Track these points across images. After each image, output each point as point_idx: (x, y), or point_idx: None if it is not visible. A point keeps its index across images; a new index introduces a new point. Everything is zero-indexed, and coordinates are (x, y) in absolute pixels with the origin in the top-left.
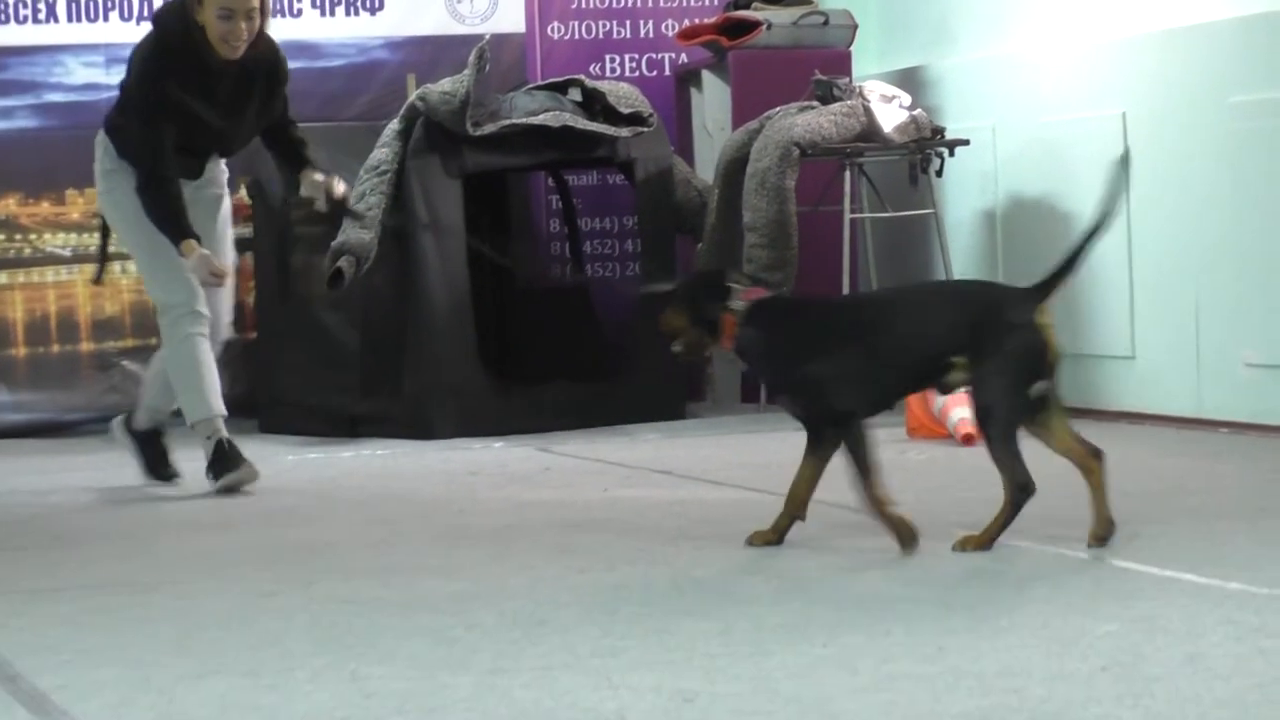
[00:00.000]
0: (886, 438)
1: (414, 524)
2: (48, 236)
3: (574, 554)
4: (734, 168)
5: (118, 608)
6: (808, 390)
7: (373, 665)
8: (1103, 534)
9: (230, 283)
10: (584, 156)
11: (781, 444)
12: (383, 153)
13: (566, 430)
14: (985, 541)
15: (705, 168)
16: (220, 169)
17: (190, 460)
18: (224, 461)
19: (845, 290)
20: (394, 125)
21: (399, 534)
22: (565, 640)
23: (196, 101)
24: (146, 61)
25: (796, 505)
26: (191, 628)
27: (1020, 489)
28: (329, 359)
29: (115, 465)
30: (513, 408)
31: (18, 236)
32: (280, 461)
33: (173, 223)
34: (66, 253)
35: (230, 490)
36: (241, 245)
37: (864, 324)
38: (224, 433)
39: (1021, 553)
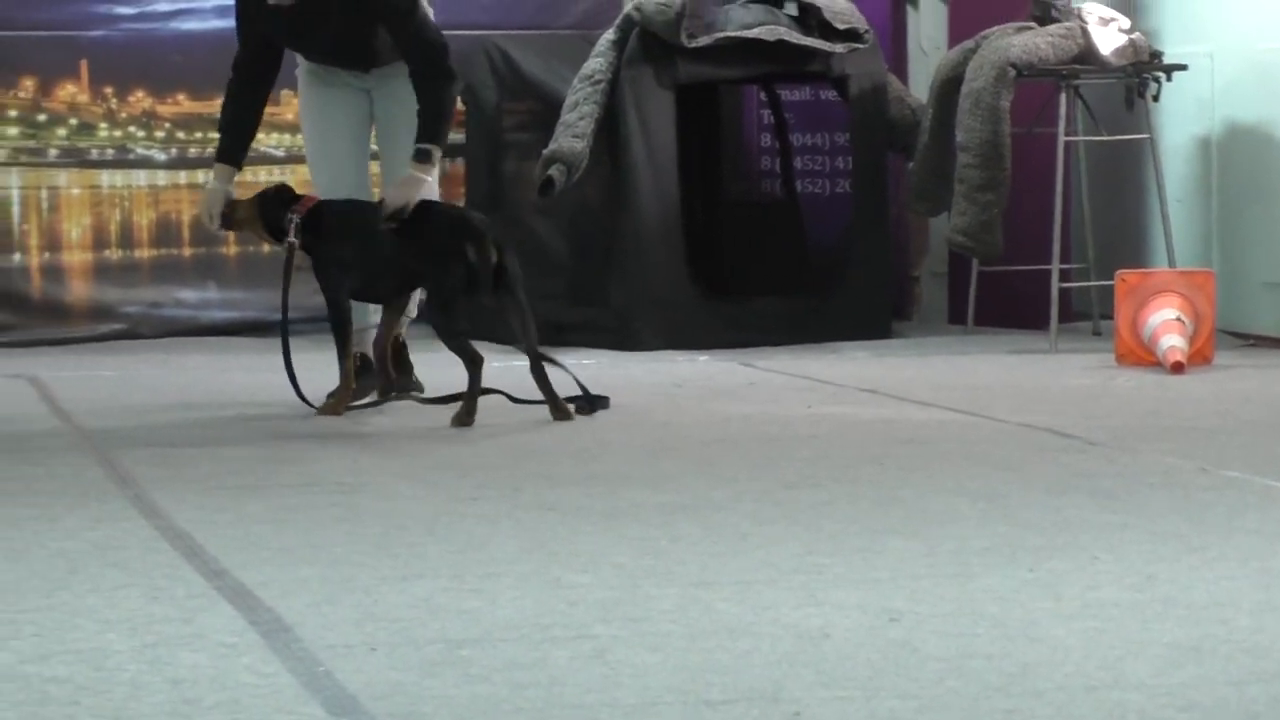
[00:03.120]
0: (1096, 363)
1: (618, 434)
2: (261, 136)
3: (778, 469)
4: (948, 87)
5: (320, 507)
6: (316, 272)
7: (577, 573)
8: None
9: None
10: (797, 71)
11: (991, 366)
12: (597, 62)
13: (771, 345)
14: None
15: (919, 86)
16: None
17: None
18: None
19: (1057, 213)
20: (609, 35)
21: (603, 444)
22: (769, 555)
23: (264, 17)
24: None
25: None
26: (394, 530)
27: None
28: (537, 267)
29: (321, 366)
30: (718, 321)
31: None
32: (485, 368)
33: (221, 131)
34: (280, 153)
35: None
36: (452, 151)
37: (361, 228)
38: (364, 347)
39: (1230, 483)
